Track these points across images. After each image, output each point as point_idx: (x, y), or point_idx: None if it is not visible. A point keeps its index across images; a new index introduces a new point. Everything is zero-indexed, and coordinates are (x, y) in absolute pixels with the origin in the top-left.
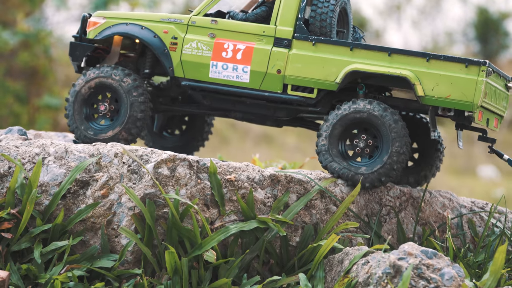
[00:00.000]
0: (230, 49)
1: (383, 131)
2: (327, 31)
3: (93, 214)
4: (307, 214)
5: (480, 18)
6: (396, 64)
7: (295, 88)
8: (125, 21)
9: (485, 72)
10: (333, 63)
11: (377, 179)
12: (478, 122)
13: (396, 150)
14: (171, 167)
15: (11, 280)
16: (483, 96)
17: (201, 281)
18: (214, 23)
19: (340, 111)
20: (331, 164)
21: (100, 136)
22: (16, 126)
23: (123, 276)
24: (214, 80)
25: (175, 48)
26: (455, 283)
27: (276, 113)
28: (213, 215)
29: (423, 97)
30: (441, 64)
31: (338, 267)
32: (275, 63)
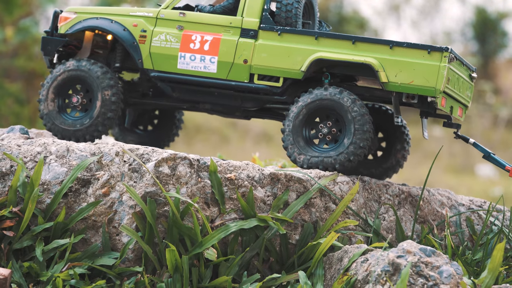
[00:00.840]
0: (198, 40)
1: (343, 113)
2: (293, 22)
3: (94, 213)
4: (306, 212)
5: (478, 18)
6: (360, 52)
7: (261, 77)
8: (95, 15)
9: (448, 58)
10: (298, 52)
11: (346, 159)
12: (441, 107)
13: (359, 128)
14: (171, 165)
15: (13, 278)
16: (446, 81)
17: (202, 279)
18: (182, 15)
19: (299, 103)
20: (299, 157)
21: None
22: (18, 125)
23: (124, 274)
24: (182, 71)
25: (144, 40)
26: (454, 280)
27: (244, 103)
28: (214, 214)
29: (387, 83)
30: (404, 51)
31: (338, 265)
32: (241, 53)
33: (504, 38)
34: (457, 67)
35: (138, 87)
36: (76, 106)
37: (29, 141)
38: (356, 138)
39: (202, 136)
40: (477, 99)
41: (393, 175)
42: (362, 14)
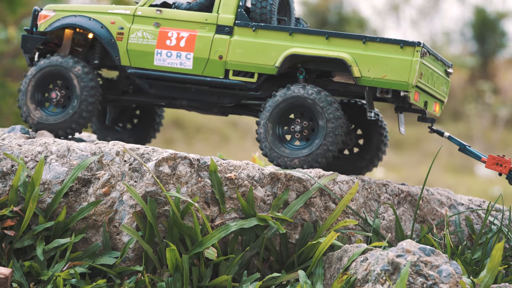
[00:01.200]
0: (174, 37)
1: (316, 112)
2: (267, 18)
3: (95, 212)
4: (306, 212)
5: (478, 18)
6: (333, 47)
7: (236, 73)
8: (74, 13)
9: (420, 52)
10: (272, 48)
11: (314, 160)
12: (414, 102)
13: (331, 131)
14: (172, 165)
15: (14, 277)
16: (418, 76)
17: (202, 278)
18: (159, 13)
19: (275, 99)
20: (270, 152)
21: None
22: (19, 125)
23: (124, 273)
24: (159, 68)
25: (121, 37)
26: (453, 280)
27: (220, 99)
28: (214, 213)
29: (360, 78)
30: (377, 46)
31: (337, 264)
32: (217, 49)
33: (503, 38)
34: (431, 62)
35: (117, 85)
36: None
37: (30, 140)
38: (327, 141)
39: (202, 136)
40: (477, 99)
41: (373, 169)
42: (361, 14)
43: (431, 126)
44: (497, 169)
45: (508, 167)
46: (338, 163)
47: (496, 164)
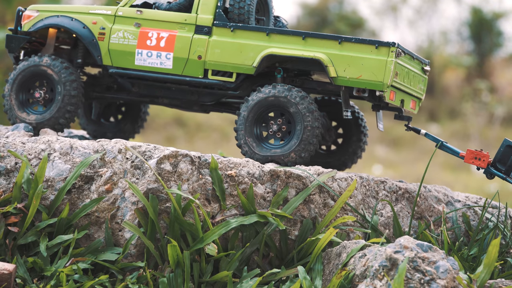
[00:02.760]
0: (154, 37)
1: (292, 110)
2: (245, 18)
3: (97, 209)
4: (305, 209)
5: (474, 17)
6: (310, 48)
7: (215, 72)
8: (57, 13)
9: (395, 53)
10: (250, 48)
11: (298, 155)
12: (390, 101)
13: (308, 125)
14: (173, 162)
15: (18, 272)
16: (393, 75)
17: (203, 274)
18: (139, 13)
19: (248, 103)
20: (248, 151)
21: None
22: (22, 123)
23: (126, 269)
24: (140, 67)
25: (103, 38)
26: (450, 275)
27: (200, 98)
28: (214, 210)
29: (336, 78)
30: (352, 46)
31: (336, 260)
32: (196, 49)
33: (500, 37)
34: (406, 61)
35: (102, 81)
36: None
37: (33, 138)
38: (306, 135)
39: (203, 134)
40: (473, 98)
41: (352, 166)
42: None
43: (408, 124)
44: (476, 163)
45: (487, 161)
46: (319, 159)
47: (475, 158)
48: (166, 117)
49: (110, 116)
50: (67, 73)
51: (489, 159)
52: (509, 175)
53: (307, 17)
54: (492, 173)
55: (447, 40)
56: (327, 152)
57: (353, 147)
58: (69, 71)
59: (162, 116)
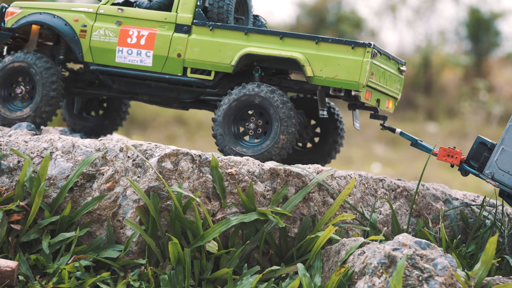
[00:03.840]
0: (135, 35)
1: (265, 106)
2: (224, 18)
3: (99, 207)
4: (305, 206)
5: (472, 17)
6: (287, 47)
7: (194, 70)
8: (39, 10)
9: (370, 53)
10: (228, 47)
11: (279, 150)
12: (366, 101)
13: (284, 119)
14: (174, 161)
15: (20, 270)
16: (369, 75)
17: (203, 271)
18: (120, 11)
19: (222, 107)
20: (226, 149)
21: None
22: (25, 122)
23: (128, 266)
24: (120, 65)
25: (84, 35)
26: (448, 273)
27: (179, 95)
28: (215, 208)
29: (312, 77)
30: (329, 46)
31: (335, 257)
32: (175, 47)
33: (497, 37)
34: (382, 61)
35: (84, 77)
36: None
37: (36, 137)
38: (284, 128)
39: (203, 132)
40: (471, 97)
41: (330, 161)
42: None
43: (383, 123)
44: (449, 161)
45: (459, 158)
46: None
47: (448, 156)
48: (167, 116)
49: (92, 110)
50: (48, 74)
51: (462, 156)
52: (482, 172)
53: (306, 17)
54: (466, 170)
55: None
56: (304, 149)
57: (330, 144)
58: (50, 72)
59: (163, 115)
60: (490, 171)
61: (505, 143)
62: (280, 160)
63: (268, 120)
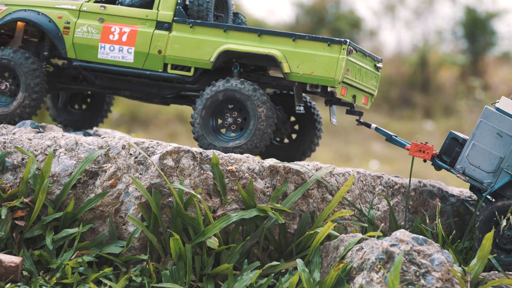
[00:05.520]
0: (117, 32)
1: (244, 101)
2: (204, 15)
3: (102, 203)
4: (304, 203)
5: (468, 17)
6: (265, 44)
7: (174, 67)
8: (24, 7)
9: (346, 50)
10: (208, 44)
11: (254, 145)
12: (341, 97)
13: (263, 114)
14: (175, 158)
15: (24, 265)
16: (344, 72)
17: (204, 267)
18: (103, 8)
19: (198, 107)
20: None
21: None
22: (29, 120)
23: (130, 262)
24: (103, 61)
25: (68, 31)
26: (445, 268)
27: (160, 91)
28: (216, 204)
29: (289, 74)
30: (306, 43)
31: (334, 253)
32: (156, 44)
33: (493, 36)
34: (358, 58)
35: (68, 72)
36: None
37: (40, 135)
38: (261, 125)
39: None
40: (467, 95)
41: (307, 157)
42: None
43: (359, 119)
44: (420, 156)
45: (431, 153)
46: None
47: (419, 151)
48: (168, 113)
49: (76, 104)
50: (33, 76)
51: (435, 151)
52: (454, 167)
53: (305, 16)
54: (438, 165)
55: (442, 39)
56: (283, 145)
57: (309, 138)
58: (36, 74)
59: (164, 113)
60: (461, 166)
61: (476, 138)
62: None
63: (246, 117)
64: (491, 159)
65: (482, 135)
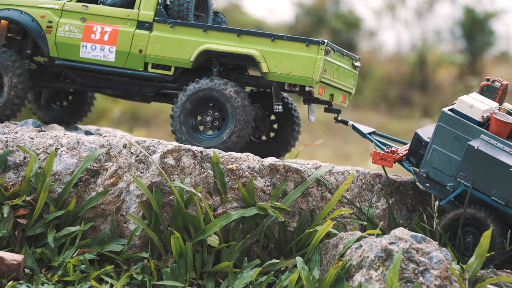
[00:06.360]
0: (98, 31)
1: (223, 100)
2: (184, 15)
3: (103, 201)
4: (304, 201)
5: (467, 17)
6: (244, 44)
7: (155, 66)
8: (7, 6)
9: (324, 50)
10: (188, 44)
11: (233, 141)
12: (319, 96)
13: (240, 111)
14: (176, 157)
15: (26, 263)
16: (322, 72)
17: (205, 264)
18: (85, 8)
19: (178, 104)
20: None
21: None
22: (31, 119)
23: (131, 260)
24: (84, 59)
25: (50, 31)
26: (443, 266)
27: (141, 89)
28: (216, 202)
29: (268, 73)
30: (284, 43)
31: (333, 251)
32: (137, 43)
33: (491, 36)
34: (336, 58)
35: (50, 70)
36: None
37: (41, 134)
38: (240, 121)
39: None
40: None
41: (285, 154)
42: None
43: (337, 116)
44: (383, 164)
45: (392, 161)
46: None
47: (381, 159)
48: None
49: (58, 100)
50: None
51: (400, 155)
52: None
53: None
54: (406, 168)
55: (441, 39)
56: (262, 141)
57: (287, 136)
58: (21, 78)
59: (165, 112)
60: (424, 170)
61: (436, 142)
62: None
63: (225, 117)
64: (451, 162)
65: (441, 139)
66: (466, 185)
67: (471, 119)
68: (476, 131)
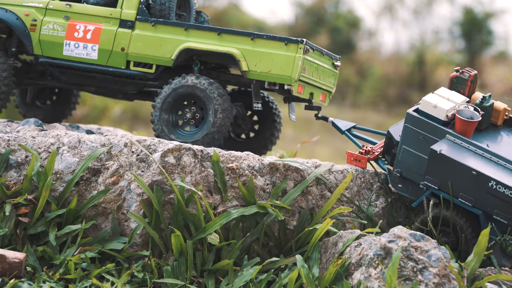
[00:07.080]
0: (82, 30)
1: (202, 97)
2: (166, 14)
3: (104, 200)
4: (303, 200)
5: (466, 17)
6: (224, 43)
7: (137, 64)
8: None
9: (303, 49)
10: (169, 42)
11: (212, 138)
12: (298, 94)
13: (219, 108)
14: (177, 156)
15: (28, 261)
16: (301, 70)
17: (205, 262)
18: (68, 7)
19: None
20: (162, 135)
21: None
22: (33, 118)
23: (132, 258)
24: (68, 57)
25: (34, 29)
26: (442, 264)
27: (123, 87)
28: (216, 201)
29: (247, 72)
30: (264, 42)
31: (333, 249)
32: (119, 42)
33: (490, 36)
34: (315, 57)
35: (35, 68)
36: None
37: (43, 133)
38: (218, 118)
39: None
40: None
41: (267, 152)
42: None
43: (317, 114)
44: (357, 164)
45: (365, 161)
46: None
47: (355, 160)
48: None
49: (43, 99)
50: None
51: (375, 154)
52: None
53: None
54: (381, 167)
55: (439, 38)
56: (243, 140)
57: (269, 132)
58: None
59: None
60: (397, 169)
61: (405, 143)
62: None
63: (204, 115)
64: (423, 161)
65: (409, 140)
66: (433, 187)
67: (436, 119)
68: (442, 132)
